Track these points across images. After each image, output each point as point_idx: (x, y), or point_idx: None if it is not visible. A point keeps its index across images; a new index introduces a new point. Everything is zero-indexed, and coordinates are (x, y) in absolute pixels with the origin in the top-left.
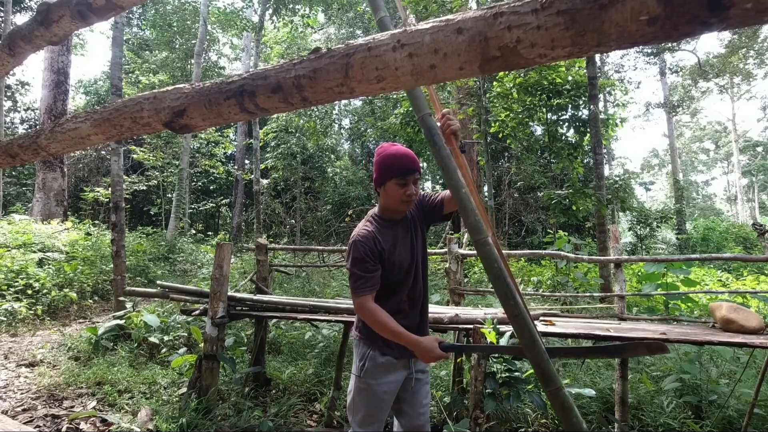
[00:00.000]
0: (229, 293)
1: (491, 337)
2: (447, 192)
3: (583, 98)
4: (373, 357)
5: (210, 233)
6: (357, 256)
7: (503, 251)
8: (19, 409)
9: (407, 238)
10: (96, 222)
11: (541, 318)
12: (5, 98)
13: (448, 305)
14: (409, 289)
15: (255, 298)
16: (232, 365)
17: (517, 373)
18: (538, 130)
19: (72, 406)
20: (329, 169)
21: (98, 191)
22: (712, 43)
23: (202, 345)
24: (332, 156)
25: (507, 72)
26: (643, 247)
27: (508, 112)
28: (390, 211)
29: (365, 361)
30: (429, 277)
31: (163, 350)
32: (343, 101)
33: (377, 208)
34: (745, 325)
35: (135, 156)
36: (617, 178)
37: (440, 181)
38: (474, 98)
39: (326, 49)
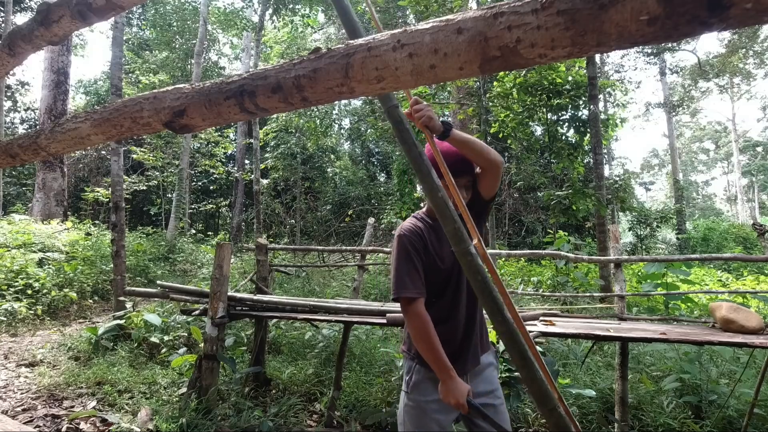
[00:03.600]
0: (229, 293)
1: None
2: (478, 170)
3: (583, 98)
4: (419, 370)
5: (210, 233)
6: (403, 249)
7: (503, 251)
8: (19, 409)
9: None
10: (96, 222)
11: (541, 318)
12: (5, 98)
13: None
14: (453, 292)
15: (255, 298)
16: (232, 365)
17: (517, 374)
18: (538, 130)
19: (72, 406)
20: (329, 169)
21: (98, 191)
22: (712, 43)
23: (202, 345)
24: (332, 156)
25: (507, 72)
26: (643, 247)
27: (508, 112)
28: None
29: (412, 374)
30: None
31: (163, 350)
32: (343, 101)
33: (425, 208)
34: (745, 325)
35: (135, 156)
36: (617, 178)
37: None
38: (474, 98)
39: (326, 49)
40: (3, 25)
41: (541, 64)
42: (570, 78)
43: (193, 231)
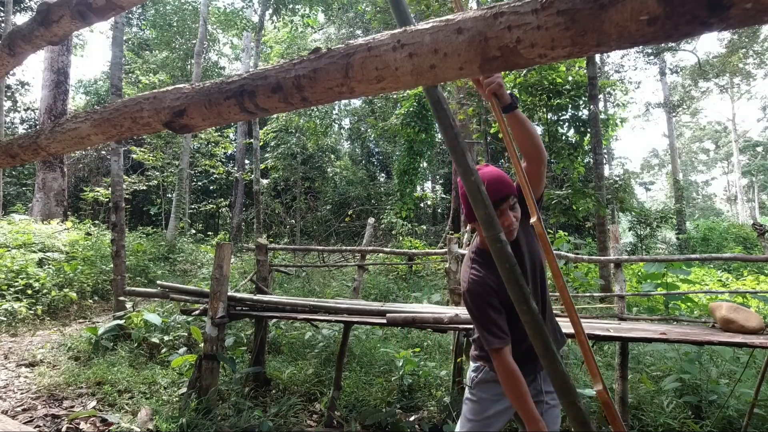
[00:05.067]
0: (229, 293)
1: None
2: (523, 164)
3: (583, 98)
4: (487, 371)
5: (210, 233)
6: (475, 305)
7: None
8: (19, 409)
9: (519, 261)
10: (96, 222)
11: None
12: (5, 98)
13: (448, 305)
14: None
15: (255, 298)
16: (232, 365)
17: None
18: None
19: (72, 406)
20: (329, 169)
21: (98, 191)
22: (712, 43)
23: (202, 345)
24: (332, 156)
25: (507, 72)
26: (643, 247)
27: None
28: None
29: (479, 374)
30: (429, 277)
31: (163, 350)
32: (343, 101)
33: (477, 241)
34: (745, 325)
35: (135, 156)
36: (617, 178)
37: (440, 181)
38: (474, 98)
39: (326, 49)
40: (3, 25)
41: (541, 64)
42: (570, 78)
43: (193, 231)
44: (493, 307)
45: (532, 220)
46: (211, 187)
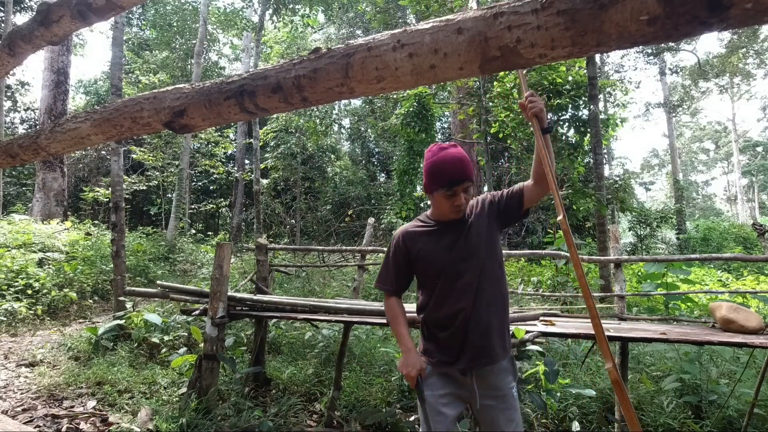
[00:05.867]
0: (229, 293)
1: (518, 333)
2: (527, 182)
3: (583, 98)
4: (428, 368)
5: (210, 233)
6: (389, 249)
7: (503, 251)
8: (19, 409)
9: (452, 239)
10: (96, 222)
11: (541, 318)
12: (5, 98)
13: None
14: (447, 289)
15: (255, 298)
16: (232, 365)
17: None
18: None
19: (72, 406)
20: (329, 169)
21: (98, 191)
22: (712, 43)
23: (202, 345)
24: (332, 156)
25: (507, 72)
26: (643, 247)
27: (508, 112)
28: (440, 216)
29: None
30: None
31: (163, 350)
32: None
33: (430, 210)
34: (745, 325)
35: (135, 156)
36: (617, 178)
37: None
38: (474, 98)
39: (326, 49)
40: (3, 25)
41: (541, 64)
42: (570, 78)
43: (193, 231)
44: (399, 260)
45: (559, 218)
46: (211, 187)
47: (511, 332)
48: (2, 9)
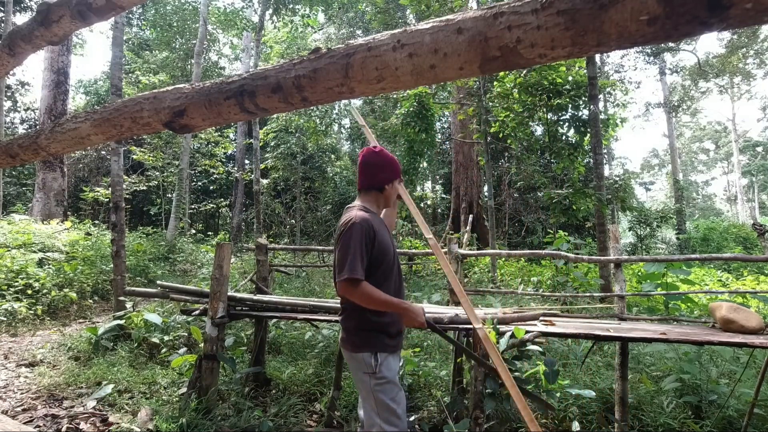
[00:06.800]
0: (229, 293)
1: (492, 337)
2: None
3: (583, 98)
4: (380, 354)
5: (210, 233)
6: (357, 237)
7: (503, 251)
8: (19, 409)
9: (388, 231)
10: (96, 222)
11: (541, 318)
12: (5, 98)
13: (448, 305)
14: (397, 275)
15: (255, 298)
16: (232, 365)
17: (517, 373)
18: (539, 130)
19: (72, 406)
20: (329, 169)
21: (98, 191)
22: (712, 43)
23: (202, 345)
24: (332, 156)
25: (507, 72)
26: (643, 247)
27: (508, 112)
28: (381, 207)
29: (375, 361)
30: (429, 277)
31: (163, 350)
32: (344, 101)
33: (366, 203)
34: (745, 325)
35: (135, 156)
36: (617, 178)
37: (440, 181)
38: (474, 98)
39: (326, 49)
40: (3, 25)
41: (541, 64)
42: (570, 78)
43: (193, 231)
44: (367, 247)
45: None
46: (211, 187)
47: (510, 332)
48: (2, 9)
